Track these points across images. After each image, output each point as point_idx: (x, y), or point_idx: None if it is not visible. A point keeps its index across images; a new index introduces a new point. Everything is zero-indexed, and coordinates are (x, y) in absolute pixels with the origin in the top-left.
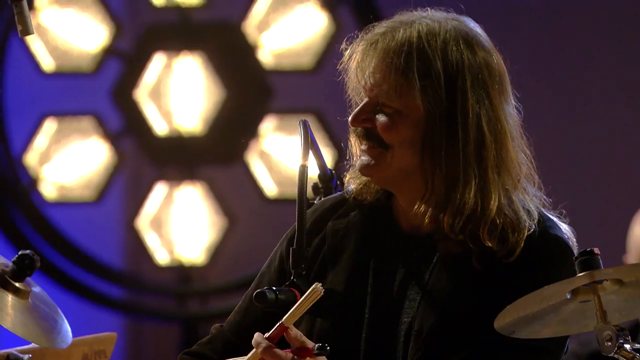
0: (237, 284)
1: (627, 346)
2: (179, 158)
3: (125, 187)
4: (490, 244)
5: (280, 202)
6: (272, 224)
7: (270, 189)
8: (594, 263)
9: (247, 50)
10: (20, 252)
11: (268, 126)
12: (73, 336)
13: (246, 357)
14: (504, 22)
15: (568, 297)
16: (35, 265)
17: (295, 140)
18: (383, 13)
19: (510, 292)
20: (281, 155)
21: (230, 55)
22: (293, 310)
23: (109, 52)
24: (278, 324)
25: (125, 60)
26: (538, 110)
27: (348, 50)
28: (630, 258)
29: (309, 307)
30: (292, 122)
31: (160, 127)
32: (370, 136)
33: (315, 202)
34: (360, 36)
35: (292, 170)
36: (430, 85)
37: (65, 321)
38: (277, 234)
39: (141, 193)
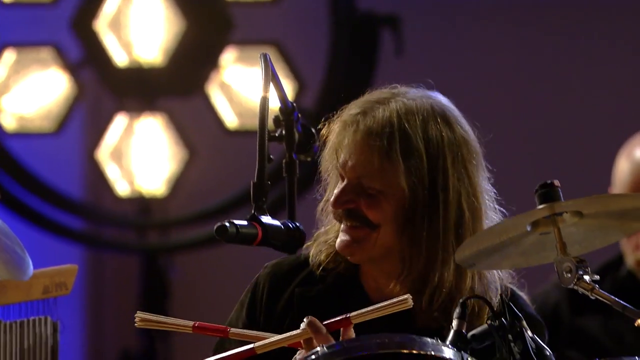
0: (197, 216)
1: (587, 277)
2: (139, 89)
3: (85, 118)
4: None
5: (240, 134)
6: (232, 155)
7: (230, 120)
8: (554, 195)
9: None
10: None
11: (229, 57)
12: (33, 268)
13: (296, 332)
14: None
15: (528, 229)
16: None
17: (256, 72)
18: None
19: None
20: (242, 86)
21: None
22: (369, 311)
23: None
24: (344, 316)
25: None
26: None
27: (323, 130)
28: (615, 191)
29: (386, 314)
30: (253, 54)
31: (120, 58)
32: (354, 215)
33: (276, 134)
34: (336, 115)
35: (253, 102)
36: (413, 164)
37: (27, 253)
38: (237, 165)
39: (101, 124)
